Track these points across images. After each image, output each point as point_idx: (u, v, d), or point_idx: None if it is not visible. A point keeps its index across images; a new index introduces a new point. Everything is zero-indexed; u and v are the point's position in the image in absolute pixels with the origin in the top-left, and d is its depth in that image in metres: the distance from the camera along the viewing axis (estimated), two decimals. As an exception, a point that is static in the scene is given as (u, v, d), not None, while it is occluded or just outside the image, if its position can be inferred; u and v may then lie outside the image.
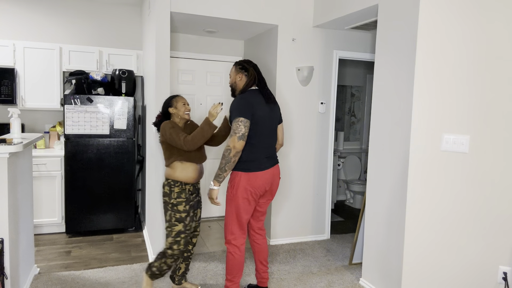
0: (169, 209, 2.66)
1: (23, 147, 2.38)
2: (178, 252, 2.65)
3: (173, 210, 2.65)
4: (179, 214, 2.65)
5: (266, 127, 2.61)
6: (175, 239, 2.64)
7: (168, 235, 2.66)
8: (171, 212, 2.66)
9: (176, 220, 2.65)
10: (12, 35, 4.21)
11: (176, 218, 2.65)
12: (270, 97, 2.65)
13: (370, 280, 3.06)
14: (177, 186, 2.66)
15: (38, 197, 3.97)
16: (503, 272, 2.51)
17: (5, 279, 2.41)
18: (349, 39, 4.10)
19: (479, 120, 2.49)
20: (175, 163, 2.66)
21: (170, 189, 2.66)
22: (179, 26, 4.08)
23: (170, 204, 2.66)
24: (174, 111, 2.74)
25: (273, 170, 2.66)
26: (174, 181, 2.67)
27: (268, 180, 2.63)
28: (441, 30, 2.53)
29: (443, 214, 2.59)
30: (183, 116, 2.74)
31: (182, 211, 2.65)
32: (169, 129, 2.60)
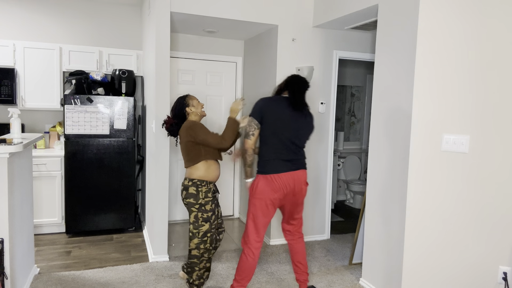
0: (196, 210, 2.66)
1: (23, 147, 2.38)
2: (205, 251, 2.68)
3: (200, 210, 2.66)
4: (206, 214, 2.67)
5: (287, 131, 2.62)
6: (202, 239, 2.67)
7: (193, 236, 2.67)
8: (197, 213, 2.66)
9: (203, 221, 2.66)
10: (12, 35, 4.21)
11: (204, 218, 2.67)
12: (298, 105, 2.66)
13: (370, 280, 3.06)
14: (204, 186, 2.67)
15: (38, 197, 3.97)
16: (503, 272, 2.51)
17: (5, 279, 2.41)
18: (349, 39, 4.10)
19: (479, 120, 2.49)
20: (200, 163, 2.67)
21: (197, 189, 2.66)
22: (179, 26, 4.08)
23: (198, 205, 2.66)
24: (193, 110, 2.76)
25: (293, 174, 2.63)
26: (200, 181, 2.67)
27: (285, 184, 2.61)
28: (441, 29, 2.53)
29: (443, 214, 2.59)
30: (202, 113, 2.79)
31: (209, 210, 2.68)
32: (200, 129, 2.61)
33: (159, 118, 3.40)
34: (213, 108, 4.77)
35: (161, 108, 3.40)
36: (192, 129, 2.62)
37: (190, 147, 2.66)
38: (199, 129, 2.61)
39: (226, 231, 4.40)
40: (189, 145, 2.66)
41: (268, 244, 3.99)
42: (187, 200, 2.68)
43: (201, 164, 2.68)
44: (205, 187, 2.68)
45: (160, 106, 3.40)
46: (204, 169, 2.68)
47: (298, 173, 2.66)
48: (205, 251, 2.69)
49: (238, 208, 4.97)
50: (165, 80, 3.41)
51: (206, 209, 2.67)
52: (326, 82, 4.04)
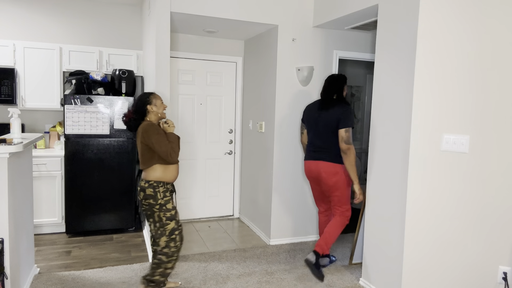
0: (157, 211, 2.63)
1: (23, 147, 2.38)
2: (175, 249, 2.66)
3: (161, 210, 2.64)
4: (169, 213, 2.65)
5: (313, 129, 3.26)
6: (170, 237, 2.65)
7: (161, 236, 2.65)
8: (159, 213, 2.64)
9: (167, 219, 2.65)
10: (12, 35, 4.21)
11: (167, 217, 2.65)
12: (322, 105, 3.22)
13: (370, 280, 3.06)
14: (161, 187, 2.64)
15: (38, 197, 3.97)
16: (503, 272, 2.51)
17: (5, 279, 2.41)
18: (349, 39, 4.10)
19: (479, 120, 2.49)
20: (157, 165, 2.62)
21: (155, 191, 2.62)
22: (179, 26, 4.09)
23: (158, 205, 2.63)
24: (153, 109, 2.66)
25: (315, 163, 3.22)
26: (157, 182, 2.63)
27: (310, 169, 3.27)
28: (441, 29, 2.53)
29: (443, 214, 2.59)
30: (162, 114, 2.71)
31: (171, 208, 2.66)
32: (155, 135, 2.54)
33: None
34: (213, 108, 4.77)
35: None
36: (147, 132, 2.55)
37: (144, 149, 2.60)
38: (153, 134, 2.53)
39: (226, 231, 4.40)
40: (143, 148, 2.60)
41: (268, 244, 3.99)
42: (147, 201, 2.63)
43: (158, 166, 2.62)
44: (162, 188, 2.64)
45: (160, 106, 3.40)
46: (161, 171, 2.63)
47: (317, 163, 3.20)
48: (176, 249, 2.67)
49: (238, 208, 4.97)
50: (165, 80, 3.40)
51: (167, 208, 2.65)
52: (326, 82, 4.04)
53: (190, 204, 4.78)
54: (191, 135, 4.71)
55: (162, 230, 2.65)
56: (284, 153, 3.96)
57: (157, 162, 2.61)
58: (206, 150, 4.79)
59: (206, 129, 4.77)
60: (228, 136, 4.87)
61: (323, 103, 3.22)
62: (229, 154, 4.90)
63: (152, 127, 2.57)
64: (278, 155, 3.94)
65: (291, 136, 3.96)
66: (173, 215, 2.66)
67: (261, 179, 4.26)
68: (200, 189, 4.80)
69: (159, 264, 2.67)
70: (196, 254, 3.67)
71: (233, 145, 4.90)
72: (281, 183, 3.99)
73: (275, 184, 3.96)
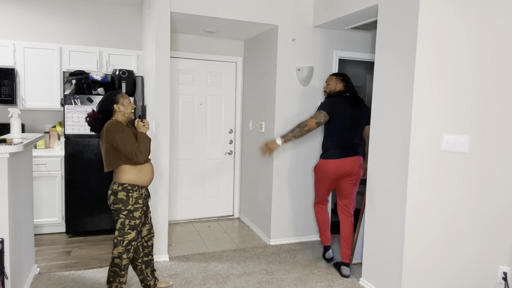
0: (123, 217, 2.49)
1: (23, 147, 2.38)
2: (127, 261, 2.52)
3: (128, 217, 2.49)
4: (133, 221, 2.51)
5: (346, 125, 3.24)
6: (126, 248, 2.51)
7: (117, 244, 2.51)
8: (124, 220, 2.49)
9: (129, 228, 2.50)
10: (12, 35, 4.21)
11: (130, 226, 2.50)
12: (357, 102, 3.31)
13: (370, 280, 3.06)
14: (135, 191, 2.48)
15: (38, 197, 3.97)
16: (503, 272, 2.51)
17: (5, 279, 2.41)
18: (349, 39, 4.10)
19: (479, 120, 2.49)
20: (131, 166, 2.48)
21: (128, 195, 2.46)
22: (179, 26, 4.09)
23: (126, 211, 2.48)
24: (121, 109, 2.52)
25: (354, 159, 3.27)
26: (131, 186, 2.48)
27: (346, 166, 3.24)
28: (441, 29, 2.53)
29: (443, 214, 2.59)
30: (130, 114, 2.56)
31: (138, 217, 2.52)
32: (120, 133, 2.39)
33: (159, 118, 3.40)
34: (213, 108, 4.77)
35: (161, 108, 3.40)
36: (111, 130, 2.39)
37: (109, 149, 2.44)
38: (117, 132, 2.39)
39: (226, 231, 4.40)
40: (108, 147, 2.43)
41: (268, 244, 3.99)
42: (115, 206, 2.48)
43: (127, 167, 2.47)
44: (137, 192, 2.50)
45: (160, 106, 3.40)
46: (135, 173, 2.48)
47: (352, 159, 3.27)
48: (128, 261, 2.53)
49: (238, 208, 4.97)
50: (165, 80, 3.41)
51: (134, 216, 2.50)
52: (326, 82, 4.04)
53: (190, 204, 4.78)
54: (191, 135, 4.70)
55: (120, 239, 2.50)
56: (284, 153, 3.96)
57: (124, 162, 2.46)
58: (206, 150, 4.79)
59: (206, 129, 4.77)
60: (228, 136, 4.87)
61: (355, 100, 3.31)
62: (229, 154, 4.90)
63: (116, 125, 2.41)
64: (278, 155, 3.94)
65: (291, 136, 3.96)
66: (136, 225, 2.51)
67: (261, 179, 4.26)
68: (200, 189, 4.80)
69: (114, 277, 2.53)
70: (196, 254, 3.67)
71: (233, 145, 4.90)
72: (281, 183, 3.98)
73: (275, 184, 3.96)
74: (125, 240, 2.50)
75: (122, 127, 2.43)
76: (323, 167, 3.29)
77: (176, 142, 4.64)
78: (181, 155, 4.68)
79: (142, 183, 2.52)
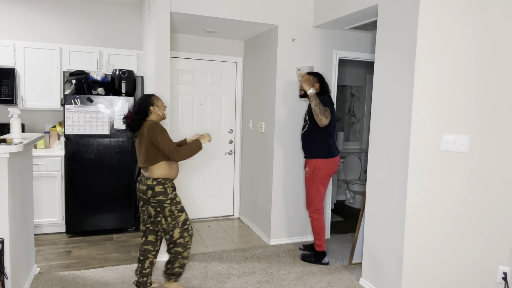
0: (168, 205, 2.72)
1: (23, 147, 2.38)
2: (189, 238, 2.79)
3: (172, 204, 2.73)
4: (179, 205, 2.77)
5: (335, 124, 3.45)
6: (183, 228, 2.76)
7: (173, 228, 2.74)
8: (170, 207, 2.73)
9: (178, 211, 2.76)
10: (12, 35, 4.21)
11: (178, 210, 2.76)
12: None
13: (370, 280, 3.06)
14: (168, 183, 2.75)
15: (38, 197, 3.97)
16: (503, 272, 2.51)
17: (5, 279, 2.41)
18: (349, 39, 4.10)
19: (479, 120, 2.49)
20: (163, 162, 2.72)
21: (164, 187, 2.71)
22: (179, 26, 4.09)
23: (169, 200, 2.72)
24: (155, 110, 2.78)
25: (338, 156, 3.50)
26: (164, 179, 2.73)
27: (338, 164, 3.46)
28: (441, 30, 2.53)
29: (443, 214, 2.60)
30: (163, 115, 2.83)
31: (179, 201, 2.79)
32: (160, 133, 2.65)
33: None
34: (213, 108, 4.77)
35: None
36: (153, 131, 2.64)
37: (149, 148, 2.68)
38: (159, 133, 2.65)
39: (226, 231, 4.40)
40: (149, 146, 2.67)
41: (268, 244, 4.00)
42: (156, 198, 2.69)
43: (163, 164, 2.72)
44: (170, 183, 2.76)
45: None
46: (166, 168, 2.74)
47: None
48: (189, 238, 2.79)
49: (238, 208, 4.97)
50: (165, 80, 3.41)
51: (177, 201, 2.76)
52: (326, 82, 4.04)
53: (190, 204, 4.78)
54: (191, 135, 4.70)
55: (174, 223, 2.74)
56: (284, 153, 3.96)
57: (162, 159, 2.71)
58: (206, 150, 4.79)
59: (206, 129, 4.77)
60: (228, 136, 4.87)
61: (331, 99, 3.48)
62: (229, 154, 4.90)
63: (157, 125, 2.68)
64: (278, 155, 3.94)
65: (291, 136, 3.96)
66: (182, 207, 2.80)
67: (261, 179, 4.26)
68: (200, 189, 4.80)
69: (176, 256, 2.78)
70: (196, 254, 3.67)
71: (233, 145, 4.90)
72: (281, 183, 3.99)
73: (275, 184, 3.96)
74: (179, 222, 2.76)
75: (162, 128, 2.70)
76: (330, 164, 3.39)
77: (176, 142, 4.64)
78: (181, 155, 4.68)
79: (172, 176, 2.80)
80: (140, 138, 2.73)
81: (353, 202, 5.72)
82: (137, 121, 2.74)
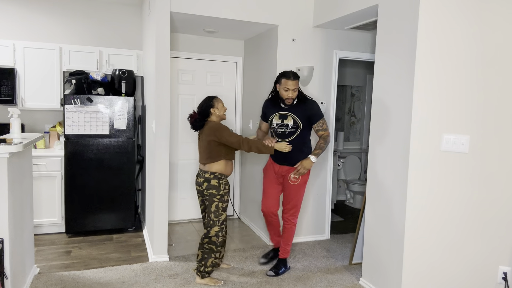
0: (217, 200, 2.95)
1: (23, 147, 2.38)
2: (223, 238, 2.99)
3: (221, 200, 2.96)
4: (225, 204, 2.99)
5: None
6: (221, 227, 2.96)
7: (213, 225, 2.94)
8: (218, 203, 2.95)
9: (222, 210, 2.97)
10: (12, 35, 4.21)
11: (223, 208, 2.97)
12: None
13: (370, 280, 3.06)
14: (224, 179, 2.99)
15: (38, 197, 3.97)
16: (503, 272, 2.51)
17: (5, 279, 2.41)
18: (349, 39, 4.10)
19: (479, 120, 2.49)
20: (222, 160, 2.97)
21: (219, 182, 2.96)
22: (179, 26, 4.08)
23: (219, 196, 2.95)
24: (216, 112, 3.01)
25: None
26: (221, 174, 2.97)
27: None
28: (441, 29, 2.53)
29: (443, 214, 2.59)
30: (223, 116, 3.06)
31: (226, 200, 3.00)
32: (225, 130, 2.91)
33: (159, 118, 3.40)
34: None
35: (161, 108, 3.40)
36: (218, 130, 2.90)
37: (212, 146, 2.94)
38: (224, 131, 2.91)
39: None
40: (212, 144, 2.93)
41: (268, 244, 3.99)
42: (209, 191, 2.94)
43: (222, 161, 2.97)
44: (224, 180, 3.00)
45: (160, 106, 3.40)
46: (223, 165, 2.98)
47: None
48: (223, 238, 2.99)
49: (238, 208, 4.97)
50: (165, 80, 3.40)
51: (225, 199, 2.99)
52: (326, 82, 4.04)
53: (190, 204, 4.77)
54: (191, 135, 4.70)
55: (216, 220, 2.94)
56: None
57: (223, 157, 2.96)
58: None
59: (206, 129, 4.76)
60: (228, 136, 4.87)
61: None
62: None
63: (221, 125, 2.96)
64: (278, 155, 3.94)
65: (291, 136, 3.96)
66: (226, 207, 2.99)
67: (261, 179, 4.25)
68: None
69: (209, 253, 2.98)
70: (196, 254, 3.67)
71: (233, 145, 4.89)
72: (281, 183, 3.98)
73: (275, 184, 3.96)
74: (220, 220, 2.96)
75: (224, 126, 2.96)
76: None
77: (176, 142, 4.64)
78: (181, 155, 4.68)
79: (227, 173, 3.03)
80: (202, 136, 2.99)
81: (353, 202, 5.72)
82: (199, 121, 3.01)
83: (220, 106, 3.04)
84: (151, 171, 3.64)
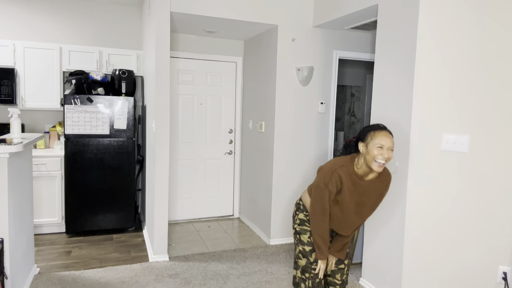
0: (294, 234, 2.26)
1: (23, 147, 2.38)
2: None
3: (295, 237, 2.22)
4: (302, 246, 2.18)
5: None
6: (301, 277, 2.18)
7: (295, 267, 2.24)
8: (295, 241, 2.24)
9: (299, 252, 2.19)
10: (12, 35, 4.21)
11: (299, 250, 2.19)
12: None
13: (370, 280, 3.06)
14: (302, 212, 2.22)
15: (38, 197, 3.97)
16: (503, 272, 2.51)
17: (5, 279, 2.41)
18: (349, 39, 4.10)
19: (479, 120, 2.49)
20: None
21: (295, 212, 2.27)
22: (179, 26, 4.09)
23: (294, 230, 2.25)
24: (364, 151, 1.99)
25: None
26: (303, 206, 2.25)
27: None
28: (441, 30, 2.53)
29: (442, 214, 2.59)
30: (370, 164, 1.96)
31: (306, 243, 2.16)
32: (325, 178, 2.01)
33: (159, 118, 3.41)
34: (213, 108, 4.77)
35: (161, 108, 3.40)
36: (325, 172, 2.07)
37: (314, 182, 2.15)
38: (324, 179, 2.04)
39: (226, 231, 4.40)
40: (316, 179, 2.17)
41: (268, 244, 3.99)
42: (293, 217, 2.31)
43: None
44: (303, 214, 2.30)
45: (160, 106, 3.40)
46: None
47: None
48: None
49: (238, 208, 4.97)
50: (165, 80, 3.41)
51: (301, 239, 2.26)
52: (326, 82, 4.04)
53: (190, 204, 4.78)
54: (191, 135, 4.71)
55: (295, 262, 2.26)
56: (284, 153, 3.96)
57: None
58: (206, 150, 4.79)
59: (206, 129, 4.77)
60: (228, 136, 4.87)
61: None
62: (229, 154, 4.90)
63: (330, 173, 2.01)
64: (278, 155, 3.94)
65: (291, 136, 3.96)
66: (306, 252, 2.16)
67: (261, 179, 4.26)
68: (200, 189, 4.80)
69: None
70: (196, 254, 3.67)
71: (233, 145, 4.90)
72: (281, 183, 3.98)
73: (275, 184, 3.96)
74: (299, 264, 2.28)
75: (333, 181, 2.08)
76: None
77: (176, 142, 4.64)
78: (181, 155, 4.68)
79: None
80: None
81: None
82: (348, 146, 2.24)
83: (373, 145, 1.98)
84: (151, 171, 3.64)
